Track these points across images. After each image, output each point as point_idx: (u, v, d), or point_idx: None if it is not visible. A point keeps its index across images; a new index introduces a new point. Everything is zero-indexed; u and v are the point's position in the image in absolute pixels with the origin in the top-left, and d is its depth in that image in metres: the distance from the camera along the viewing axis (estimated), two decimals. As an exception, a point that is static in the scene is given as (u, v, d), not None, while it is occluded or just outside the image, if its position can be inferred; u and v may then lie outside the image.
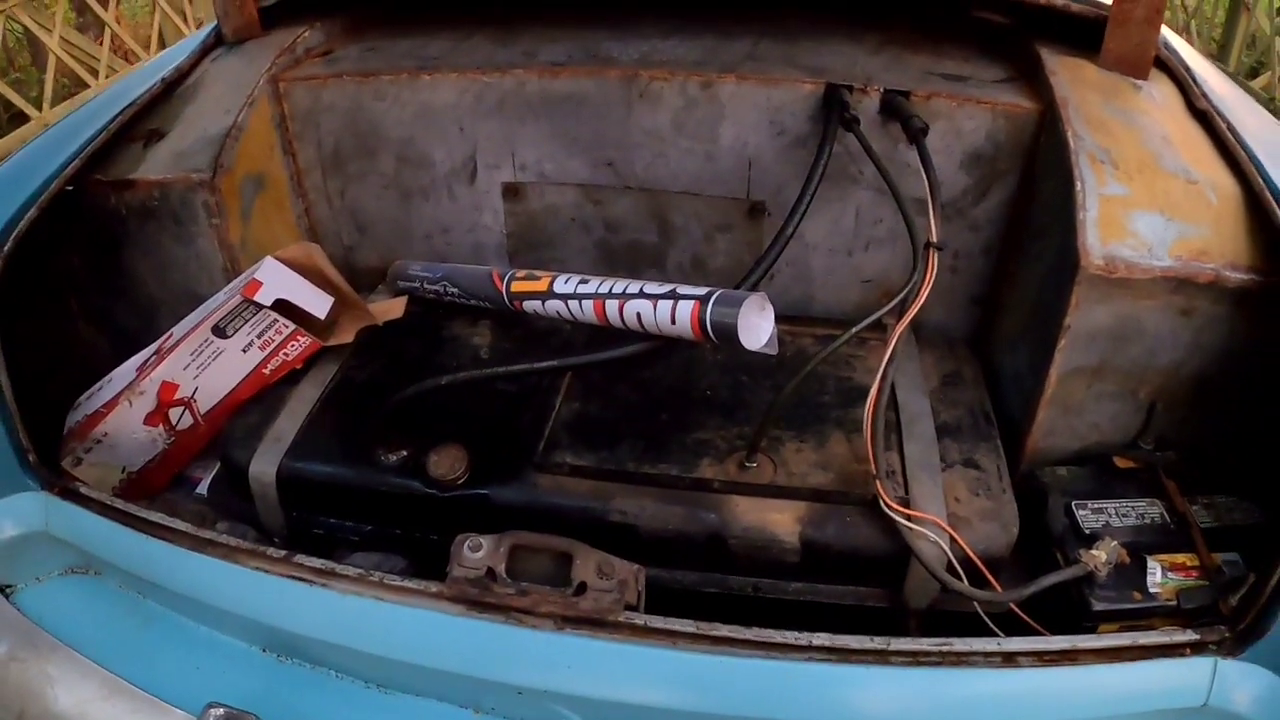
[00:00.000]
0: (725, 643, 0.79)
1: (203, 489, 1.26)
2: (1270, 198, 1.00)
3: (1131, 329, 1.01)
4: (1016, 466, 1.09)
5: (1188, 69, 1.25)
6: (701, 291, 0.89)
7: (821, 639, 0.78)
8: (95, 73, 4.99)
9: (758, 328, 0.86)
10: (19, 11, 4.61)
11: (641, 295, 0.93)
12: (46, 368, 1.20)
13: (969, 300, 1.31)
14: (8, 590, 1.13)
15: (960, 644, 0.80)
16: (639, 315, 0.93)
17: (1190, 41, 5.40)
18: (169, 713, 0.90)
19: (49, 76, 4.76)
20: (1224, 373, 1.04)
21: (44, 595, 1.11)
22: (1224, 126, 1.14)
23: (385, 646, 0.84)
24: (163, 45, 5.31)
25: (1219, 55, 5.15)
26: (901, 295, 0.95)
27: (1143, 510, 1.01)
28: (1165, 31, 1.39)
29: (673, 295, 0.90)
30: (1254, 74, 4.88)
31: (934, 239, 0.99)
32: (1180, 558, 0.97)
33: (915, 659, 0.79)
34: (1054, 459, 1.10)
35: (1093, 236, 0.98)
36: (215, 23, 1.50)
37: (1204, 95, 1.20)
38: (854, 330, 0.94)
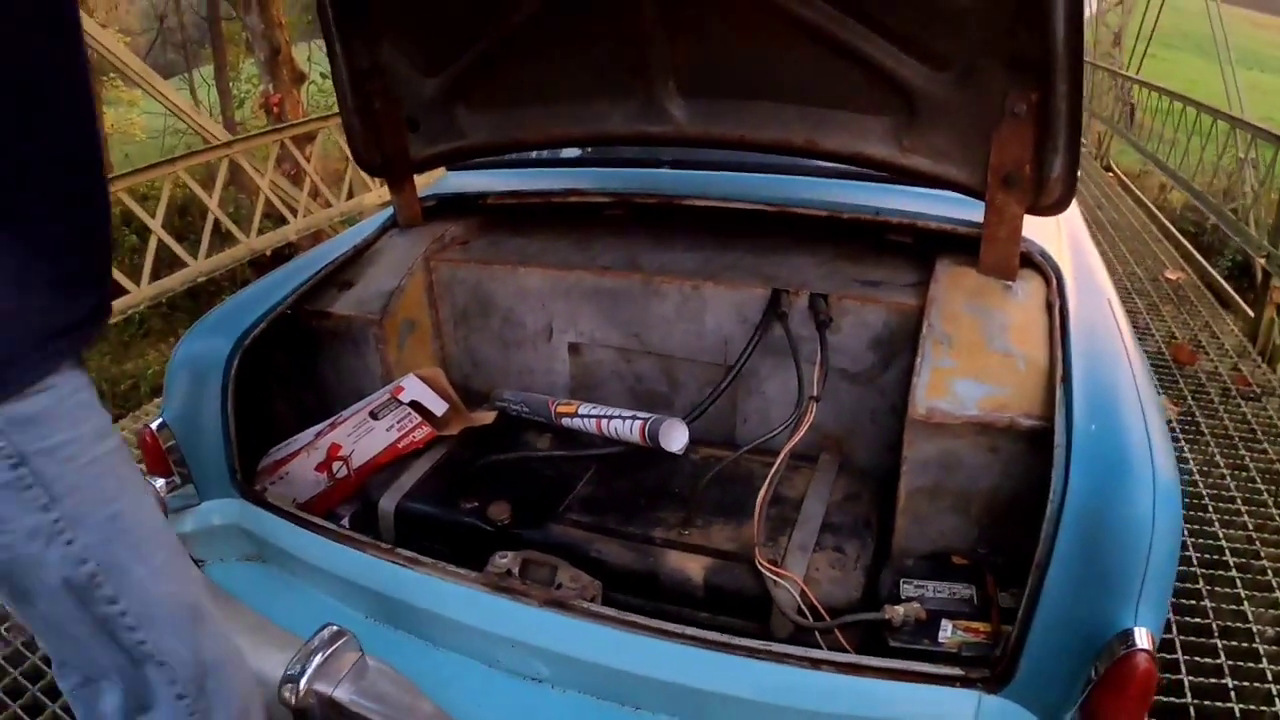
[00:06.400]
0: (638, 626, 1.29)
1: (345, 521, 1.88)
2: (1059, 366, 1.38)
3: (954, 460, 1.42)
4: (889, 562, 1.54)
5: (1055, 270, 1.65)
6: (650, 417, 1.47)
7: (690, 630, 1.27)
8: (294, 211, 6.20)
9: (673, 439, 1.42)
10: (239, 155, 5.88)
11: (619, 417, 1.54)
12: (249, 426, 1.71)
13: (885, 447, 1.71)
14: (200, 563, 1.65)
15: (779, 648, 1.25)
16: (615, 429, 1.52)
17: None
18: (296, 641, 1.31)
19: (257, 211, 5.97)
20: (1029, 494, 1.35)
21: (226, 570, 1.65)
22: (1058, 315, 1.52)
23: (442, 607, 1.39)
24: (351, 194, 6.52)
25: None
26: (784, 425, 1.48)
27: (957, 591, 1.41)
28: (1057, 232, 1.79)
29: (634, 417, 1.49)
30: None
31: (815, 393, 1.51)
32: (975, 625, 1.36)
33: (750, 653, 1.25)
34: (913, 556, 1.51)
35: (921, 395, 1.42)
36: (393, 210, 2.23)
37: (1059, 291, 1.58)
38: (744, 449, 1.51)
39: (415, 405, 1.82)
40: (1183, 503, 1.24)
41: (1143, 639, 1.11)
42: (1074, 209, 2.07)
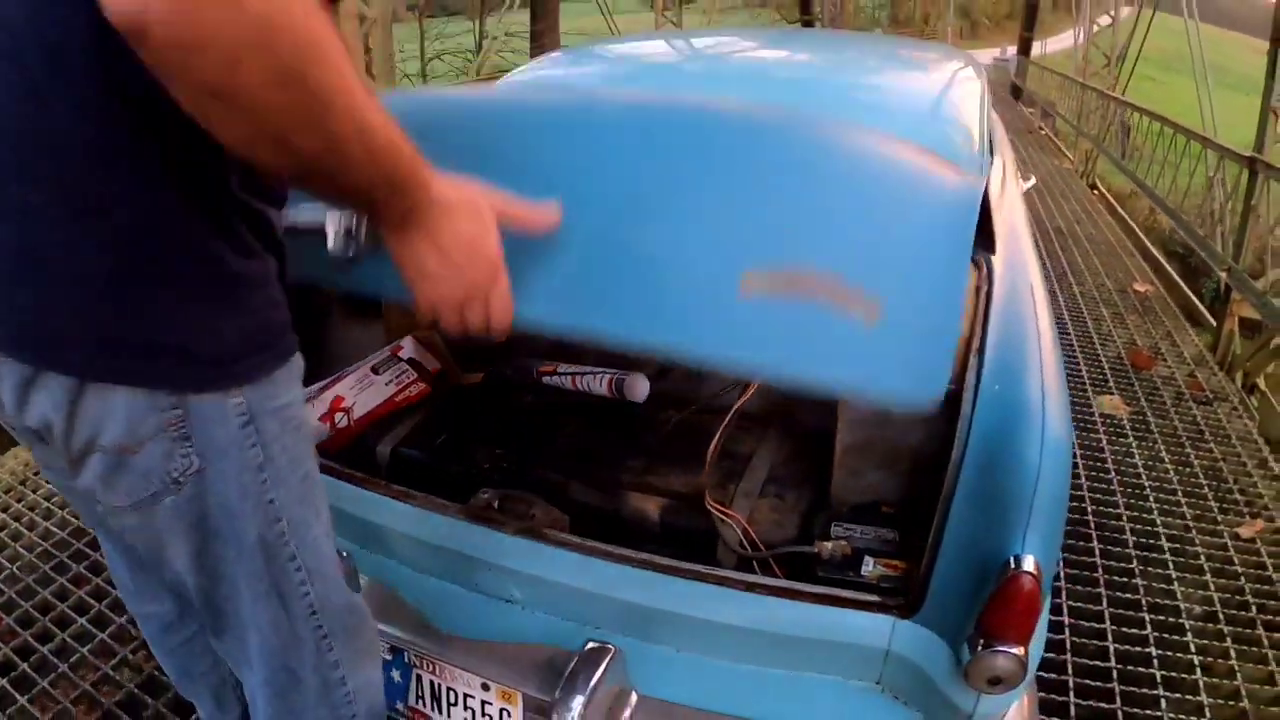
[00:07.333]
0: (598, 552, 1.48)
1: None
2: (975, 341, 1.55)
3: (883, 419, 1.61)
4: (827, 509, 1.74)
5: (987, 262, 1.78)
6: (616, 372, 1.67)
7: (643, 555, 1.47)
8: (303, 197, 6.37)
9: (636, 390, 1.62)
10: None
11: (590, 373, 1.73)
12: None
13: (829, 413, 1.86)
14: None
15: (720, 572, 1.45)
16: (588, 384, 1.72)
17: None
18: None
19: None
20: (947, 451, 1.48)
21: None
22: (983, 299, 1.67)
23: (429, 535, 1.58)
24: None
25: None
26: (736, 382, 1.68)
27: (882, 534, 1.61)
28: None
29: (603, 373, 1.69)
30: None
31: None
32: (894, 561, 1.56)
33: (695, 575, 1.44)
34: (847, 506, 1.71)
35: None
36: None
37: (987, 278, 1.71)
38: (693, 407, 1.68)
39: (412, 363, 2.02)
40: (1075, 455, 1.42)
41: (1028, 564, 1.29)
42: (1017, 204, 2.28)
